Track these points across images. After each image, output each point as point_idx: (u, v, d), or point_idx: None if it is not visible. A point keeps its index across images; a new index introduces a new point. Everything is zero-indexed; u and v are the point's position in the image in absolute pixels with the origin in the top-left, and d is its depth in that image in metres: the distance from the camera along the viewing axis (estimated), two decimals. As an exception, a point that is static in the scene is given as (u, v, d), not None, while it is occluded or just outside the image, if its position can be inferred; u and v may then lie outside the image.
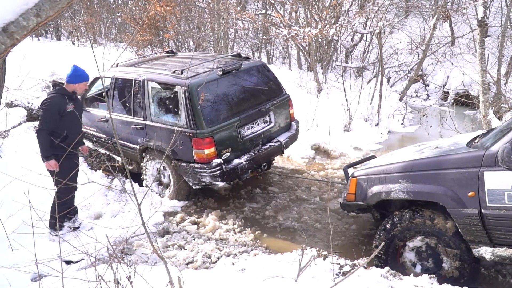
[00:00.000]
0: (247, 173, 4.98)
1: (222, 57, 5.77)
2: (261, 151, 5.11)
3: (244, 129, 4.97)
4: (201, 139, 4.58)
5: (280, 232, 4.72)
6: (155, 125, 5.01)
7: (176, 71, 4.83)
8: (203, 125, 4.58)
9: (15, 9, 1.28)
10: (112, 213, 5.05)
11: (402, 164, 3.62)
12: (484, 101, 6.42)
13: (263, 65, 5.58)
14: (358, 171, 3.99)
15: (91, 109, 5.98)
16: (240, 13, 11.40)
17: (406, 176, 3.50)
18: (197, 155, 4.66)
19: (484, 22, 6.29)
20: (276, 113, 5.34)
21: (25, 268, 3.02)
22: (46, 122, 4.22)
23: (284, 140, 5.37)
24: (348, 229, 4.73)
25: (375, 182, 3.72)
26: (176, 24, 12.77)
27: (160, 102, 5.05)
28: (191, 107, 4.58)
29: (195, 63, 5.19)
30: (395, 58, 11.12)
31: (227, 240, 4.53)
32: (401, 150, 4.47)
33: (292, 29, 9.21)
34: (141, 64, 5.73)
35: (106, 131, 5.79)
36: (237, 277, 3.51)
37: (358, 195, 3.87)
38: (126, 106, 5.46)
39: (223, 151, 4.75)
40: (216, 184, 4.79)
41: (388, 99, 9.30)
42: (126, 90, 5.43)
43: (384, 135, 8.20)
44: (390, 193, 3.56)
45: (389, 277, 3.13)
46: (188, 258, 4.19)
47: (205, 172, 4.66)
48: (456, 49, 11.25)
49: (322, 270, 3.37)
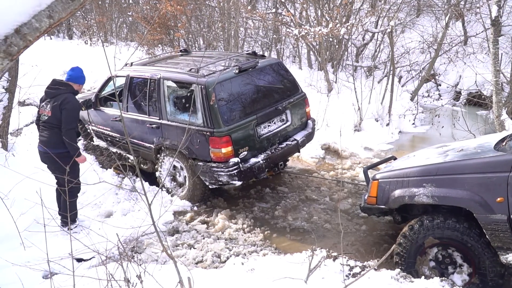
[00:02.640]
0: (264, 172, 4.95)
1: (237, 55, 5.74)
2: (278, 150, 5.08)
3: (261, 127, 4.95)
4: (219, 138, 4.56)
5: (289, 232, 4.71)
6: (171, 124, 4.98)
7: (192, 69, 4.82)
8: (220, 124, 4.56)
9: (28, 10, 1.28)
10: (123, 212, 5.09)
11: (426, 167, 3.52)
12: (497, 101, 6.32)
13: (279, 63, 5.55)
14: (379, 174, 3.90)
15: (105, 108, 5.97)
16: (250, 12, 11.39)
17: (430, 180, 3.39)
18: (214, 154, 4.64)
19: (498, 21, 6.19)
20: (292, 111, 5.31)
21: (37, 266, 3.05)
22: (73, 122, 4.50)
23: (301, 138, 5.34)
24: (359, 230, 4.70)
25: (398, 185, 3.62)
26: (187, 23, 12.80)
27: (176, 101, 5.02)
28: (208, 105, 4.56)
29: (210, 61, 5.18)
30: (407, 57, 11.01)
31: (237, 239, 4.53)
32: (423, 151, 4.31)
33: (303, 28, 9.17)
34: (156, 63, 5.71)
35: (120, 130, 5.78)
36: (246, 277, 3.51)
37: (379, 198, 3.78)
38: (141, 105, 5.45)
39: (240, 150, 4.73)
40: (233, 184, 4.76)
41: (399, 99, 9.21)
42: (141, 89, 5.42)
43: (395, 135, 8.12)
44: (414, 197, 3.46)
45: (400, 279, 3.10)
46: (197, 258, 4.20)
47: (222, 171, 4.64)
48: (469, 49, 11.10)
49: (332, 271, 3.35)
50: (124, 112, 5.53)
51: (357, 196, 5.46)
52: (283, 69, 5.50)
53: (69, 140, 4.37)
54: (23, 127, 7.30)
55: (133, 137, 5.52)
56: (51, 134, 4.46)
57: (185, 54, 6.18)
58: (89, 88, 11.96)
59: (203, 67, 4.88)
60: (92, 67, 11.51)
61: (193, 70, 4.81)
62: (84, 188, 5.28)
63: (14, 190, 4.26)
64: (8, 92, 5.71)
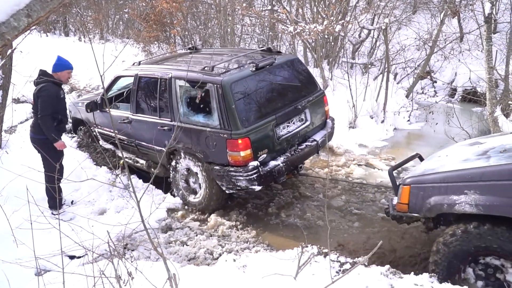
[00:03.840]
0: (283, 176, 4.70)
1: (251, 51, 5.51)
2: (298, 152, 4.84)
3: (280, 128, 4.70)
4: (237, 140, 4.29)
5: (282, 229, 4.73)
6: (184, 126, 4.71)
7: (206, 67, 4.58)
8: (238, 125, 4.30)
9: (6, 10, 1.28)
10: (116, 209, 5.10)
11: (467, 172, 3.16)
12: (491, 98, 6.35)
13: (297, 60, 5.31)
14: (410, 178, 3.50)
15: (111, 110, 5.76)
16: (246, 9, 11.38)
17: (474, 186, 3.04)
18: (232, 157, 4.38)
19: (491, 18, 6.21)
20: (311, 110, 5.06)
21: (29, 263, 3.06)
22: (47, 108, 4.66)
23: (321, 139, 5.11)
24: (351, 226, 4.72)
25: (434, 191, 3.25)
26: (183, 20, 12.78)
27: (189, 102, 4.76)
28: (225, 106, 4.30)
29: (224, 59, 4.95)
30: (402, 54, 11.01)
31: (230, 236, 4.55)
32: (455, 150, 3.89)
33: (299, 25, 9.17)
34: (165, 62, 5.49)
35: (128, 133, 5.52)
36: (237, 274, 3.53)
37: (412, 206, 3.39)
38: (151, 106, 5.22)
39: (259, 152, 4.47)
40: (252, 189, 4.51)
41: (395, 96, 9.23)
42: (151, 89, 5.20)
43: (389, 132, 8.14)
44: (454, 206, 3.11)
45: (389, 275, 3.12)
46: (190, 254, 4.22)
47: (241, 175, 4.37)
48: (464, 46, 11.13)
49: (322, 268, 3.37)
50: (133, 113, 5.34)
51: (351, 193, 5.48)
52: (300, 66, 5.27)
53: (44, 126, 4.66)
54: (17, 125, 7.30)
55: (143, 140, 5.32)
56: (34, 121, 4.86)
57: (194, 51, 5.95)
58: (85, 86, 11.95)
59: (217, 65, 4.64)
60: (88, 64, 11.49)
61: (207, 68, 4.57)
62: (77, 186, 5.29)
63: (7, 188, 4.27)
64: (1, 90, 5.70)
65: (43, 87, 4.69)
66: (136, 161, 5.68)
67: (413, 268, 3.80)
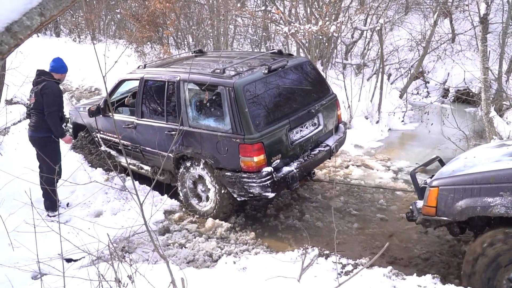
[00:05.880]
0: (297, 182, 4.54)
1: (261, 54, 5.39)
2: (311, 157, 4.68)
3: (293, 133, 4.54)
4: (250, 145, 4.13)
5: (281, 230, 4.70)
6: (193, 130, 4.55)
7: (217, 70, 4.43)
8: (252, 130, 4.13)
9: (19, 8, 1.24)
10: (113, 211, 5.04)
11: (503, 173, 3.02)
12: (486, 98, 6.39)
13: (309, 62, 5.19)
14: (438, 180, 3.34)
15: (115, 114, 5.62)
16: (239, 10, 11.35)
17: (510, 187, 2.90)
18: (245, 163, 4.21)
19: (486, 18, 6.26)
20: (324, 114, 4.92)
21: (26, 266, 3.00)
22: (54, 104, 4.75)
23: (333, 144, 4.97)
24: (351, 228, 4.71)
25: (466, 194, 3.10)
26: (176, 21, 12.71)
27: (199, 105, 4.60)
28: (237, 109, 4.14)
29: (234, 62, 4.83)
30: (396, 55, 11.08)
31: (228, 238, 4.51)
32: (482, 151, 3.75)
33: (292, 25, 9.16)
34: (171, 65, 5.35)
35: (133, 138, 5.36)
36: (238, 276, 3.50)
37: (440, 209, 3.23)
38: (157, 110, 5.07)
39: (273, 158, 4.31)
40: (265, 196, 4.33)
41: (389, 96, 9.28)
42: (158, 93, 5.05)
43: (384, 133, 8.17)
44: (488, 209, 2.96)
45: (392, 276, 3.11)
46: (189, 257, 4.17)
47: (254, 182, 4.20)
48: (457, 46, 11.22)
49: (324, 270, 3.36)
50: (138, 118, 5.20)
51: (349, 194, 5.48)
52: (312, 69, 5.14)
53: (52, 122, 4.74)
54: (10, 126, 7.18)
55: (148, 146, 5.18)
56: (36, 120, 4.85)
57: (200, 55, 5.76)
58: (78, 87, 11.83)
59: (228, 68, 4.51)
60: (80, 64, 11.37)
61: (218, 70, 4.42)
62: (73, 188, 5.22)
63: (2, 190, 4.19)
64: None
65: (46, 85, 4.75)
66: (141, 167, 5.52)
67: (414, 269, 3.81)
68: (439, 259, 3.97)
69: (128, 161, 5.62)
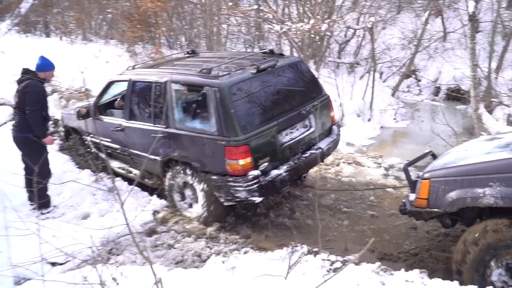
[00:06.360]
0: (286, 186, 4.41)
1: (252, 54, 5.27)
2: (301, 160, 4.53)
3: (282, 135, 4.39)
4: (236, 148, 3.99)
5: (271, 229, 4.66)
6: (179, 133, 4.44)
7: (204, 70, 4.32)
8: (237, 132, 4.00)
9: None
10: (100, 213, 4.96)
11: (493, 164, 3.03)
12: (475, 95, 6.41)
13: (301, 62, 5.04)
14: (430, 172, 3.37)
15: (104, 117, 5.50)
16: (232, 9, 11.31)
17: (500, 178, 2.91)
18: (231, 166, 4.08)
19: (475, 17, 6.27)
20: (316, 116, 4.75)
21: (7, 271, 2.94)
22: (37, 104, 4.66)
23: (326, 146, 4.80)
24: (341, 225, 4.69)
25: (456, 185, 3.12)
26: (168, 20, 12.64)
27: (185, 107, 4.50)
28: (223, 110, 4.03)
29: (223, 61, 4.71)
30: (388, 53, 11.09)
31: (218, 238, 4.46)
32: (473, 145, 3.78)
33: (285, 24, 9.14)
34: (161, 66, 5.27)
35: (121, 141, 5.25)
36: (227, 276, 3.46)
37: (432, 201, 3.25)
38: (145, 112, 4.96)
39: (260, 161, 4.16)
40: (252, 200, 4.21)
41: (381, 94, 9.29)
42: (145, 95, 4.94)
43: (376, 130, 8.19)
44: (478, 199, 2.97)
45: (380, 272, 3.10)
46: (177, 257, 4.12)
47: (241, 186, 4.08)
48: (448, 44, 11.26)
49: (313, 267, 3.33)
50: (126, 120, 5.11)
51: (340, 191, 5.45)
52: (304, 69, 4.99)
53: (33, 121, 4.62)
54: (-4, 127, 7.08)
55: (136, 149, 5.08)
56: (19, 119, 4.77)
57: (193, 55, 5.63)
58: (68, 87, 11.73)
59: (216, 67, 4.38)
60: (70, 65, 11.26)
61: (204, 70, 4.30)
62: (60, 189, 5.16)
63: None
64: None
65: (29, 83, 4.68)
66: (129, 171, 5.40)
67: (403, 264, 3.80)
68: (428, 254, 3.96)
69: (117, 165, 5.53)
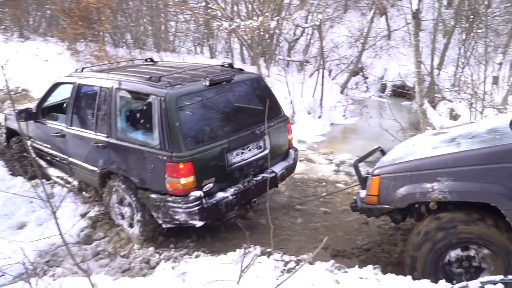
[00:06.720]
0: (233, 210, 4.09)
1: (210, 66, 4.96)
2: (252, 183, 4.21)
3: (232, 154, 4.06)
4: (177, 164, 3.65)
5: (223, 231, 4.51)
6: (120, 144, 4.08)
7: (153, 77, 3.99)
8: (181, 147, 3.66)
9: None
10: (38, 221, 4.57)
11: (440, 158, 3.02)
12: (420, 91, 6.62)
13: (260, 79, 4.77)
14: (379, 168, 3.33)
15: (47, 121, 5.11)
16: (179, 6, 11.02)
17: (447, 172, 2.90)
18: (171, 184, 3.74)
19: (418, 14, 6.48)
20: (272, 137, 4.45)
21: None
22: None
23: (280, 171, 4.51)
24: (294, 223, 4.63)
25: (405, 180, 3.10)
26: (111, 17, 12.09)
27: (129, 116, 4.15)
28: (167, 122, 3.68)
29: (176, 70, 4.44)
30: (336, 51, 11.31)
31: (168, 242, 4.25)
32: (420, 140, 3.78)
33: (234, 22, 9.02)
34: (112, 71, 4.90)
35: (61, 148, 4.88)
36: (177, 283, 3.27)
37: (382, 197, 3.22)
38: (87, 119, 4.61)
39: (204, 181, 3.82)
40: (192, 224, 3.86)
41: (330, 92, 9.42)
42: (90, 100, 4.59)
43: (327, 127, 8.28)
44: (427, 194, 2.97)
45: (334, 270, 3.04)
46: (124, 266, 3.86)
47: (180, 207, 3.74)
48: (392, 42, 11.66)
49: (266, 268, 3.22)
50: (67, 126, 4.74)
51: (293, 188, 5.41)
52: (263, 87, 4.69)
53: None
54: None
55: (76, 158, 4.69)
56: None
57: (151, 63, 5.32)
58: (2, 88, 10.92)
59: (166, 76, 4.11)
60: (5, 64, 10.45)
61: (153, 78, 3.98)
62: (-10, 198, 4.71)
63: None
64: None
65: None
66: (68, 181, 5.01)
67: (357, 260, 3.79)
68: (380, 248, 3.99)
69: (56, 173, 5.17)
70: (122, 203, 4.39)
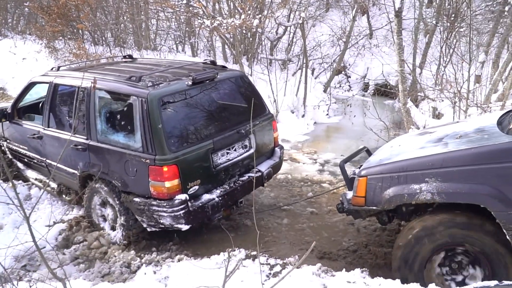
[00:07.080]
0: (219, 212, 4.00)
1: (192, 64, 4.78)
2: (238, 184, 4.13)
3: (217, 155, 3.96)
4: (161, 168, 3.54)
5: (206, 233, 4.41)
6: (101, 146, 3.95)
7: (133, 77, 3.86)
8: (165, 149, 3.54)
9: None
10: (15, 224, 4.42)
11: (427, 159, 2.96)
12: (403, 90, 6.64)
13: (243, 77, 4.64)
14: (366, 169, 3.27)
15: (23, 121, 4.95)
16: (160, 3, 10.83)
17: (435, 173, 2.86)
18: (155, 188, 3.63)
19: (401, 12, 6.49)
20: (257, 136, 4.37)
21: None
22: None
23: (266, 170, 4.43)
24: (280, 224, 4.55)
25: (393, 182, 3.04)
26: (91, 14, 11.82)
27: (109, 117, 4.01)
28: (150, 124, 3.57)
29: (158, 69, 4.28)
30: (319, 50, 11.29)
31: (149, 245, 4.12)
32: (406, 140, 3.73)
33: (215, 19, 8.90)
34: (90, 69, 4.71)
35: (39, 150, 4.73)
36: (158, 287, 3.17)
37: (369, 199, 3.17)
38: (65, 120, 4.47)
39: (190, 183, 3.72)
40: (178, 228, 3.76)
41: (313, 91, 9.40)
42: (68, 100, 4.45)
43: (310, 126, 8.24)
44: (415, 196, 2.92)
45: (321, 274, 2.99)
46: (103, 270, 3.72)
47: (165, 211, 3.64)
48: (374, 41, 11.71)
49: (251, 272, 3.14)
50: (44, 128, 4.57)
51: (278, 188, 5.34)
52: (247, 84, 4.58)
53: None
54: None
55: (54, 160, 4.52)
56: None
57: (130, 60, 5.15)
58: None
59: (147, 75, 3.97)
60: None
61: (133, 78, 3.85)
62: (-38, 202, 4.49)
63: None
64: None
65: None
66: (46, 184, 4.86)
67: (344, 262, 3.74)
68: (367, 250, 3.93)
69: (34, 176, 5.01)
70: (104, 205, 4.26)
